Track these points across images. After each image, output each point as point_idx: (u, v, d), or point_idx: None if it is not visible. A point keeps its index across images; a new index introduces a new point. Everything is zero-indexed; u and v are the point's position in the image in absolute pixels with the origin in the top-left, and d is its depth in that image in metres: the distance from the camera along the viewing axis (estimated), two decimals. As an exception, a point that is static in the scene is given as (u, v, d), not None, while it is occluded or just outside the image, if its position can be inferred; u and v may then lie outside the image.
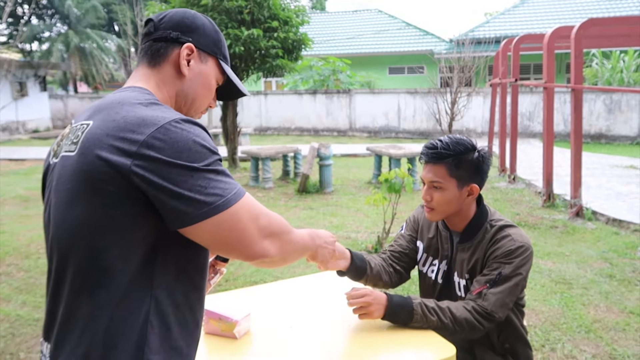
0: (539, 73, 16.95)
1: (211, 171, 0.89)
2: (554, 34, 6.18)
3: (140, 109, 0.92)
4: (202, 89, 1.10)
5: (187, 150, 0.88)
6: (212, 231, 0.90)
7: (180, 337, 0.95)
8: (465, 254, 1.68)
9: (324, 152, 7.28)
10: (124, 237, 0.89)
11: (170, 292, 0.94)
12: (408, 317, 1.54)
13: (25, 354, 2.92)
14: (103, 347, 0.89)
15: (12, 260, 4.57)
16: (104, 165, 0.86)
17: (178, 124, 0.90)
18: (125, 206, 0.87)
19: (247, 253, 0.95)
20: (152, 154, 0.86)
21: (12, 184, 8.45)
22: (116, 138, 0.88)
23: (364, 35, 21.10)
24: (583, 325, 3.18)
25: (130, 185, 0.86)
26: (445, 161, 1.61)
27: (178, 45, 1.06)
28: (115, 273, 0.89)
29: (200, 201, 0.87)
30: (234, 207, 0.91)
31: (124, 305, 0.90)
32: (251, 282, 3.93)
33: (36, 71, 16.93)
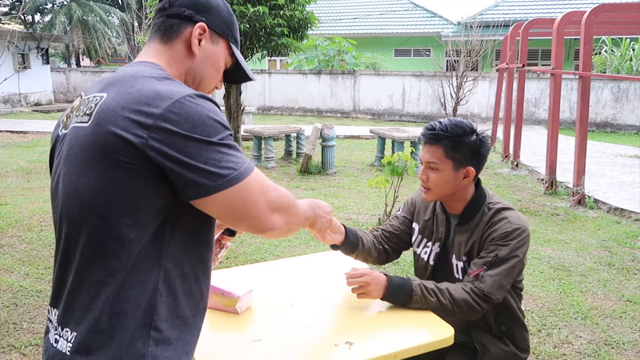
0: (547, 59, 16.77)
1: (224, 145, 0.92)
2: (564, 19, 6.08)
3: (155, 83, 0.94)
4: (211, 70, 1.11)
5: (202, 124, 0.90)
6: (225, 203, 0.92)
7: (186, 306, 0.98)
8: (463, 236, 1.69)
9: (327, 133, 7.25)
10: (137, 207, 0.90)
11: (177, 262, 0.96)
12: (407, 298, 1.55)
13: (29, 324, 2.96)
14: (113, 313, 0.91)
15: (14, 232, 4.60)
16: (120, 137, 0.88)
17: (192, 99, 0.91)
18: (139, 177, 0.89)
19: (257, 225, 0.97)
20: (169, 127, 0.88)
21: (15, 157, 8.47)
22: (132, 110, 0.89)
23: (370, 16, 20.82)
24: (580, 312, 3.21)
25: (146, 157, 0.88)
26: (443, 142, 1.63)
27: (191, 24, 1.06)
28: (127, 242, 0.91)
29: (215, 173, 0.89)
30: (246, 181, 0.93)
31: (134, 273, 0.92)
32: (252, 260, 3.95)
33: (38, 43, 16.78)
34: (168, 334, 0.95)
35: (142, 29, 12.13)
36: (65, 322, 0.95)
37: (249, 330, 1.46)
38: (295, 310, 1.57)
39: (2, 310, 3.12)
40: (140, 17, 12.53)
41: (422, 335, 1.47)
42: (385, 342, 1.39)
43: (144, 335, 0.92)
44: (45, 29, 21.78)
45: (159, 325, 0.94)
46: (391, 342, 1.39)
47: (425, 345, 1.40)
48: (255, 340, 1.38)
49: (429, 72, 14.40)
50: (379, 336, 1.43)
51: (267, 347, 1.35)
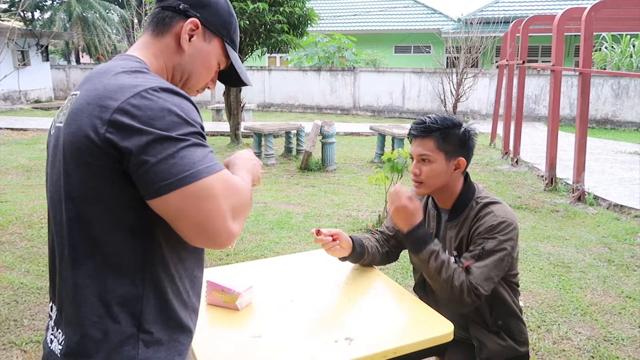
0: (547, 55, 16.73)
1: (183, 141, 0.84)
2: (564, 15, 6.07)
3: (122, 77, 0.90)
4: (201, 68, 1.07)
5: (161, 118, 0.83)
6: (178, 206, 0.83)
7: (177, 307, 0.96)
8: (453, 231, 1.72)
9: (327, 130, 7.25)
10: (107, 209, 0.87)
11: (163, 264, 0.93)
12: (418, 248, 1.59)
13: (29, 321, 2.97)
14: (98, 316, 0.90)
15: (15, 229, 4.60)
16: (84, 136, 0.85)
17: (156, 92, 0.86)
18: (106, 177, 0.85)
19: (213, 238, 0.86)
20: (125, 120, 0.83)
21: (15, 154, 8.47)
22: (95, 106, 0.86)
23: (370, 12, 20.77)
24: (579, 308, 3.22)
25: (107, 155, 0.84)
26: (434, 134, 1.67)
27: (184, 18, 1.03)
28: (102, 245, 0.89)
29: (167, 170, 0.82)
30: (206, 181, 0.84)
31: (116, 277, 0.90)
32: (252, 256, 3.96)
33: (38, 40, 16.75)
34: (159, 336, 0.93)
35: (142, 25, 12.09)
36: (58, 322, 0.96)
37: (249, 326, 1.46)
38: (296, 306, 1.58)
39: (3, 307, 3.13)
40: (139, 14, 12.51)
41: (421, 331, 1.47)
42: (385, 338, 1.39)
43: (133, 338, 0.91)
44: (44, 26, 21.73)
45: (148, 328, 0.92)
46: (391, 338, 1.39)
47: (424, 341, 1.41)
48: (256, 336, 1.39)
49: (429, 69, 14.39)
50: (379, 332, 1.44)
51: (268, 343, 1.36)
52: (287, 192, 6.09)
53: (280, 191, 6.11)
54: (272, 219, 4.97)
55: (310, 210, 5.32)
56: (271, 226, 4.73)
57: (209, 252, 3.96)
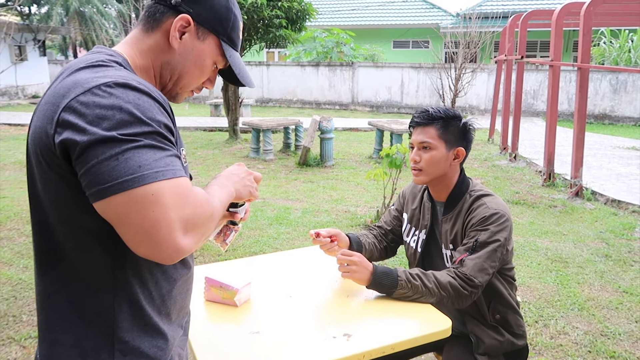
0: (546, 50, 16.72)
1: (131, 142, 0.76)
2: (563, 10, 6.06)
3: (82, 72, 0.83)
4: (193, 67, 0.98)
5: (110, 117, 0.76)
6: (120, 211, 0.76)
7: (152, 313, 0.91)
8: (448, 224, 1.74)
9: (325, 125, 7.24)
10: (67, 214, 0.83)
11: (133, 270, 0.88)
12: (392, 284, 1.57)
13: (28, 317, 2.97)
14: (70, 325, 0.87)
15: (13, 224, 4.60)
16: (38, 136, 0.81)
17: (109, 88, 0.78)
18: (62, 179, 0.81)
19: (157, 250, 0.77)
20: (72, 119, 0.76)
21: (12, 149, 8.44)
22: (49, 104, 0.81)
23: (369, 7, 20.71)
24: (577, 303, 3.23)
25: (59, 156, 0.78)
26: (436, 123, 1.71)
27: (176, 14, 0.94)
28: (68, 250, 0.85)
29: (108, 172, 0.75)
30: (152, 186, 0.76)
31: (84, 284, 0.86)
32: (251, 252, 3.96)
33: (35, 35, 16.67)
34: (136, 344, 0.88)
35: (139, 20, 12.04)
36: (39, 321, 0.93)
37: (247, 322, 1.47)
38: (294, 302, 1.58)
39: (2, 303, 3.13)
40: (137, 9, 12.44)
41: (420, 326, 1.48)
42: (383, 334, 1.40)
43: (109, 347, 0.86)
44: (42, 21, 21.63)
45: (123, 337, 0.87)
46: (389, 334, 1.40)
47: (423, 337, 1.41)
48: (254, 332, 1.39)
49: (427, 64, 14.36)
50: (377, 328, 1.44)
51: (266, 340, 1.36)
52: (285, 187, 6.09)
53: (279, 187, 6.11)
54: (271, 214, 4.97)
55: (308, 205, 5.32)
56: (270, 222, 4.74)
57: (206, 248, 3.96)
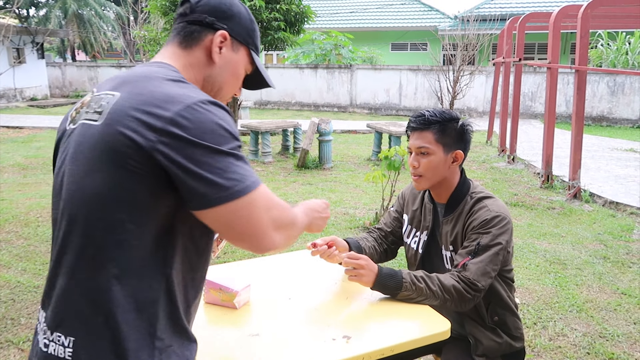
0: (543, 53, 16.76)
1: (232, 155, 0.88)
2: (560, 13, 6.09)
3: (168, 85, 0.92)
4: (230, 77, 1.10)
5: (211, 132, 0.87)
6: (227, 217, 0.88)
7: (183, 314, 0.96)
8: (449, 226, 1.74)
9: (324, 127, 7.25)
10: (141, 213, 0.88)
11: (177, 271, 0.94)
12: (397, 286, 1.57)
13: (26, 320, 2.96)
14: (115, 321, 0.88)
15: (11, 227, 4.59)
16: (129, 139, 0.86)
17: (204, 105, 0.89)
18: (145, 182, 0.87)
19: (258, 244, 0.93)
20: (177, 132, 0.85)
21: (11, 152, 8.43)
22: (142, 112, 0.87)
23: (367, 10, 20.74)
24: (575, 305, 3.24)
25: (153, 161, 0.85)
26: (432, 127, 1.69)
27: (212, 31, 1.05)
28: (128, 247, 0.88)
29: (219, 184, 0.86)
30: (252, 195, 0.89)
31: (137, 281, 0.90)
32: (250, 255, 3.96)
33: (34, 38, 16.66)
34: (170, 342, 0.93)
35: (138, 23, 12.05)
36: (56, 326, 0.92)
37: (247, 324, 1.47)
38: (293, 304, 1.58)
39: (0, 306, 3.13)
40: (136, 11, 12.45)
41: (419, 328, 1.48)
42: (382, 336, 1.40)
43: (149, 345, 0.90)
44: (40, 23, 21.63)
45: (160, 335, 0.91)
46: (388, 336, 1.40)
47: (422, 339, 1.41)
48: (254, 334, 1.39)
49: (425, 66, 14.39)
50: (377, 330, 1.45)
51: (266, 342, 1.36)
52: (284, 190, 6.09)
53: (278, 189, 6.11)
54: (270, 216, 4.96)
55: (307, 208, 5.32)
56: (268, 224, 4.73)
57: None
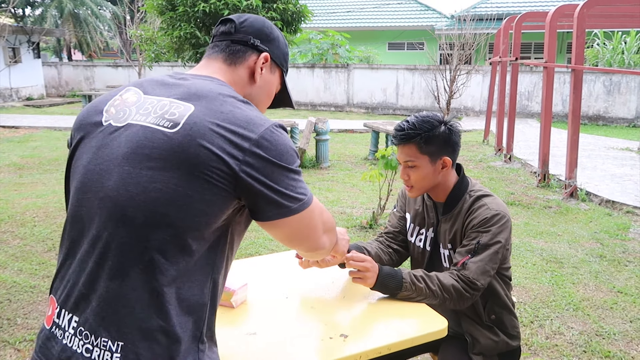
0: (540, 52, 16.80)
1: (298, 173, 1.00)
2: (557, 12, 6.10)
3: (244, 107, 0.99)
4: (265, 97, 1.19)
5: (286, 153, 0.97)
6: (295, 225, 1.01)
7: (214, 317, 1.01)
8: (447, 224, 1.74)
9: (321, 127, 7.25)
10: (207, 222, 0.93)
11: (221, 275, 1.00)
12: (397, 286, 1.58)
13: (23, 320, 2.95)
14: (169, 324, 0.89)
15: (7, 227, 4.57)
16: (214, 154, 0.90)
17: (277, 129, 0.98)
18: (221, 194, 0.92)
19: (313, 246, 1.08)
20: (261, 153, 0.93)
21: (7, 152, 8.39)
22: (228, 130, 0.92)
23: (364, 9, 20.75)
24: (572, 303, 3.25)
25: (236, 177, 0.92)
26: (414, 140, 1.67)
27: (256, 52, 1.13)
28: (190, 253, 0.92)
29: (294, 197, 0.98)
30: (312, 205, 1.02)
31: (190, 285, 0.93)
32: (247, 254, 3.96)
33: (29, 37, 16.60)
34: (207, 346, 0.97)
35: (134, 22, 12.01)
36: (101, 330, 0.89)
37: (244, 324, 1.46)
38: (291, 303, 1.58)
39: (-4, 306, 3.11)
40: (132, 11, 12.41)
41: (416, 327, 1.48)
42: (379, 335, 1.40)
43: (195, 348, 0.93)
44: (36, 23, 21.54)
45: (203, 338, 0.96)
46: (385, 335, 1.40)
47: (419, 337, 1.42)
48: (251, 333, 1.39)
49: (422, 66, 14.40)
50: (374, 328, 1.45)
51: (263, 341, 1.36)
52: (281, 189, 6.08)
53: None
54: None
55: (304, 207, 5.31)
56: (265, 223, 4.72)
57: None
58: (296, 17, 8.45)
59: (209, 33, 6.79)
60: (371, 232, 4.50)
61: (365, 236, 4.39)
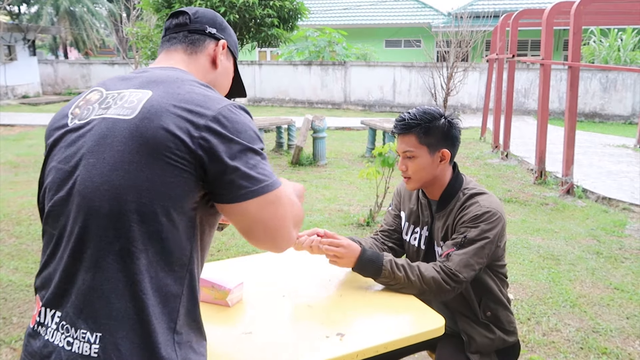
0: (537, 49, 16.83)
1: (260, 154, 0.96)
2: (553, 10, 6.10)
3: (202, 88, 0.99)
4: (226, 83, 1.22)
5: (244, 132, 0.94)
6: (257, 211, 0.94)
7: (197, 309, 0.99)
8: (440, 222, 1.74)
9: (318, 124, 7.24)
10: (174, 206, 0.91)
11: (196, 266, 0.98)
12: (376, 272, 1.60)
13: (18, 319, 2.94)
14: (145, 314, 0.89)
15: (3, 226, 4.55)
16: (172, 134, 0.90)
17: (237, 108, 0.97)
18: (182, 175, 0.90)
19: (280, 241, 0.99)
20: (219, 129, 0.92)
21: (2, 150, 8.36)
22: (184, 110, 0.92)
23: (361, 6, 20.73)
24: (568, 300, 3.25)
25: (194, 155, 0.90)
26: (414, 130, 1.68)
27: (214, 40, 1.16)
28: (159, 240, 0.90)
29: (254, 177, 0.92)
30: (279, 190, 0.96)
31: (163, 275, 0.91)
32: (243, 252, 3.95)
33: (25, 35, 16.51)
34: (188, 338, 0.95)
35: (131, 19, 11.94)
36: (80, 322, 0.90)
37: (240, 323, 1.46)
38: (287, 302, 1.57)
39: (-8, 305, 3.10)
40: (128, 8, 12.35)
41: (413, 325, 1.48)
42: (376, 333, 1.40)
43: (169, 339, 0.92)
44: (31, 20, 21.43)
45: (179, 329, 0.94)
46: (382, 333, 1.40)
47: (416, 336, 1.41)
48: (247, 332, 1.38)
49: (419, 63, 14.40)
50: (370, 327, 1.44)
51: (259, 340, 1.35)
52: (278, 187, 6.08)
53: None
54: (264, 214, 4.95)
55: (301, 205, 5.31)
56: (262, 221, 4.72)
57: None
58: (293, 14, 8.43)
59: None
60: (368, 230, 4.49)
61: (362, 233, 4.39)
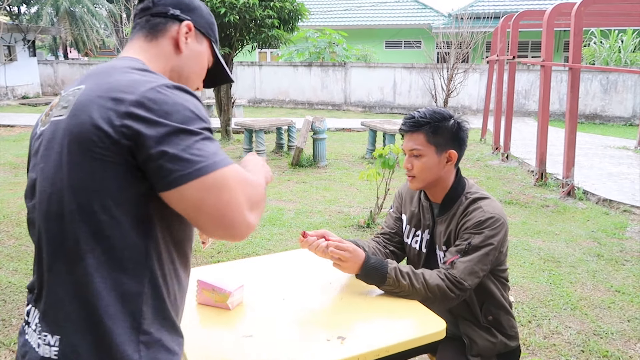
0: (537, 50, 16.83)
1: (197, 134, 0.87)
2: (554, 11, 6.10)
3: (133, 74, 0.93)
4: (196, 67, 1.13)
5: (176, 112, 0.86)
6: (195, 197, 0.84)
7: (170, 307, 0.96)
8: (442, 226, 1.73)
9: (318, 125, 7.23)
10: (113, 202, 0.87)
11: (160, 264, 0.93)
12: (380, 280, 1.58)
13: (18, 321, 2.93)
14: (98, 316, 0.87)
15: (2, 227, 4.54)
16: (94, 126, 0.85)
17: (168, 88, 0.90)
18: (114, 169, 0.86)
19: (231, 227, 0.87)
20: (142, 113, 0.85)
21: (2, 151, 8.35)
22: (107, 98, 0.87)
23: (361, 7, 20.74)
24: (569, 303, 3.24)
25: (119, 146, 0.85)
26: (423, 129, 1.68)
27: (177, 22, 1.08)
28: (103, 239, 0.87)
29: (186, 160, 0.83)
30: (222, 171, 0.86)
31: (117, 273, 0.88)
32: (243, 254, 3.94)
33: (25, 35, 16.50)
34: (159, 336, 0.93)
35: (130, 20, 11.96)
36: (44, 325, 0.92)
37: (240, 326, 1.45)
38: (287, 305, 1.56)
39: (-9, 306, 3.09)
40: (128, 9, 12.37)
41: (414, 329, 1.47)
42: (377, 337, 1.39)
43: (133, 340, 0.89)
44: (31, 21, 21.43)
45: (147, 329, 0.91)
46: (383, 337, 1.39)
47: (417, 339, 1.40)
48: (247, 336, 1.38)
49: (419, 64, 14.40)
50: (371, 330, 1.43)
51: (259, 343, 1.34)
52: (278, 188, 6.07)
53: (272, 187, 6.09)
54: (264, 215, 4.95)
55: (301, 206, 5.31)
56: (263, 223, 4.72)
57: (198, 250, 3.93)
58: (293, 15, 8.43)
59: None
60: (369, 232, 4.48)
61: (363, 235, 4.38)
